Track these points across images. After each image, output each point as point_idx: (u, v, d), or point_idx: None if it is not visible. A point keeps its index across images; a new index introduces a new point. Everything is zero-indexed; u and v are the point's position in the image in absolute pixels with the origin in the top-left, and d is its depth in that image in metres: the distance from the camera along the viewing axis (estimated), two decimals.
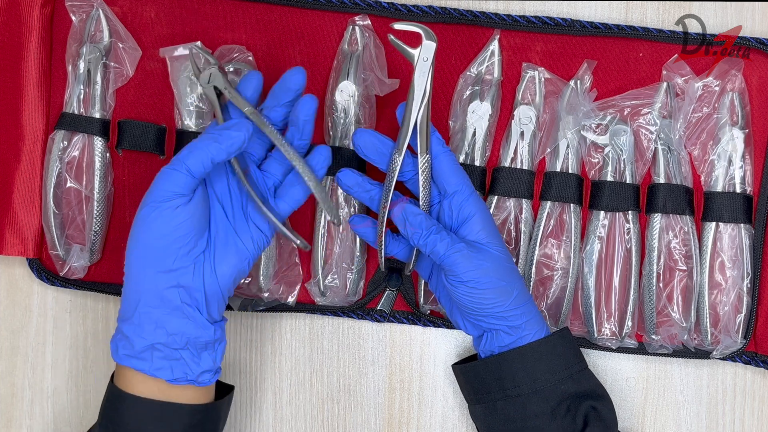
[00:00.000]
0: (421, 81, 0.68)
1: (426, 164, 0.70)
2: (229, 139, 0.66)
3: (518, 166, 0.79)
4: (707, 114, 0.79)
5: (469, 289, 0.69)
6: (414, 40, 0.68)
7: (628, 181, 0.78)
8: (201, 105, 0.79)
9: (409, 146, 0.70)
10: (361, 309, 0.82)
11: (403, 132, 0.69)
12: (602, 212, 0.79)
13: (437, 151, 0.71)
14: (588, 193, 0.80)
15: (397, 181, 0.72)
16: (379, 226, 0.73)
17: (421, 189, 0.71)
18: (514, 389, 0.71)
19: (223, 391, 0.74)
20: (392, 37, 0.68)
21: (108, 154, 0.81)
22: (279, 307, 0.81)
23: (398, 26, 0.68)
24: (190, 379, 0.67)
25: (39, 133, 0.81)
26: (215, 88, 0.72)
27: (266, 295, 0.80)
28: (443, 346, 0.83)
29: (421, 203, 0.71)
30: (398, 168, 0.70)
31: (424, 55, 0.67)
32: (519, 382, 0.70)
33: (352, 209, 0.80)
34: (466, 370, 0.75)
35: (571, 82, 0.79)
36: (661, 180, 0.78)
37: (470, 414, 0.76)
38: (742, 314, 0.79)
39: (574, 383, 0.71)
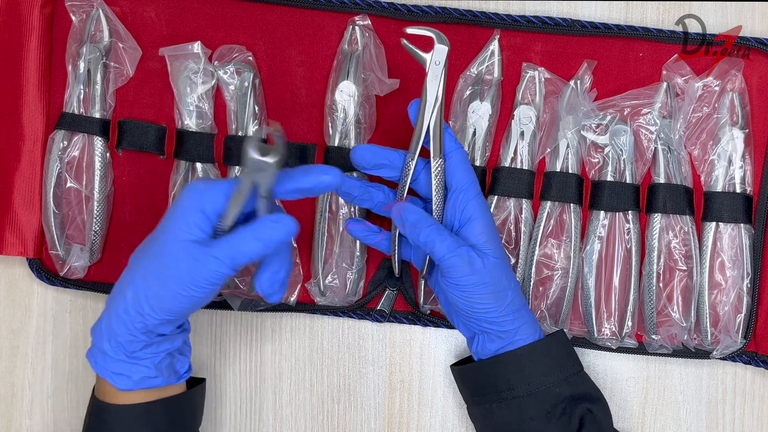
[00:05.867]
0: (434, 85, 0.68)
1: (439, 168, 0.70)
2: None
3: (518, 166, 0.79)
4: (707, 114, 0.79)
5: (463, 293, 0.69)
6: (427, 44, 0.68)
7: (628, 181, 0.78)
8: (201, 105, 0.79)
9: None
10: (361, 309, 0.82)
11: (415, 137, 0.69)
12: (602, 212, 0.79)
13: (450, 148, 0.70)
14: (588, 193, 0.80)
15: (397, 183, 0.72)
16: (393, 234, 0.73)
17: (434, 193, 0.71)
18: (509, 392, 0.71)
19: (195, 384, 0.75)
20: (405, 41, 0.68)
21: (108, 154, 0.81)
22: (279, 307, 0.81)
23: (411, 30, 0.68)
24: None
25: (39, 133, 0.81)
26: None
27: None
28: (443, 346, 0.83)
29: (434, 207, 0.71)
30: (411, 173, 0.70)
31: (436, 59, 0.67)
32: (513, 384, 0.70)
33: (353, 210, 0.80)
34: (463, 371, 0.75)
35: (571, 82, 0.79)
36: (661, 180, 0.78)
37: (469, 415, 0.76)
38: (742, 314, 0.79)
39: (569, 386, 0.71)
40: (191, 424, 0.73)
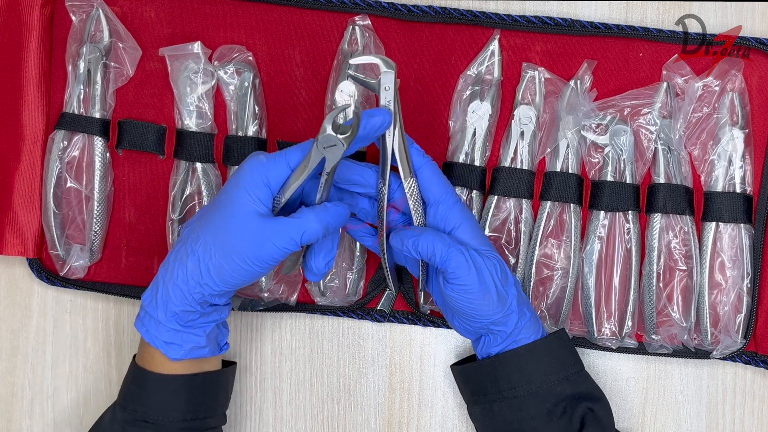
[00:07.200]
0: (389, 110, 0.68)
1: (412, 188, 0.70)
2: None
3: (518, 166, 0.79)
4: (707, 114, 0.79)
5: (466, 294, 0.69)
6: (378, 71, 0.68)
7: (628, 181, 0.78)
8: (201, 105, 0.79)
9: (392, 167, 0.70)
10: (361, 309, 0.82)
11: (382, 162, 0.70)
12: (602, 212, 0.79)
13: (418, 164, 0.71)
14: (588, 193, 0.80)
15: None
16: (381, 255, 0.74)
17: (412, 213, 0.71)
18: (510, 391, 0.71)
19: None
20: (351, 72, 0.69)
21: (108, 154, 0.81)
22: (279, 307, 0.81)
23: (354, 61, 0.69)
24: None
25: (39, 133, 0.81)
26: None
27: (266, 295, 0.80)
28: (443, 346, 0.83)
29: (415, 224, 0.71)
30: (386, 198, 0.71)
31: (385, 84, 0.68)
32: (515, 383, 0.70)
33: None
34: (463, 371, 0.75)
35: (571, 82, 0.79)
36: (661, 180, 0.78)
37: (469, 415, 0.76)
38: (742, 314, 0.79)
39: (570, 385, 0.71)
40: (223, 402, 0.74)
